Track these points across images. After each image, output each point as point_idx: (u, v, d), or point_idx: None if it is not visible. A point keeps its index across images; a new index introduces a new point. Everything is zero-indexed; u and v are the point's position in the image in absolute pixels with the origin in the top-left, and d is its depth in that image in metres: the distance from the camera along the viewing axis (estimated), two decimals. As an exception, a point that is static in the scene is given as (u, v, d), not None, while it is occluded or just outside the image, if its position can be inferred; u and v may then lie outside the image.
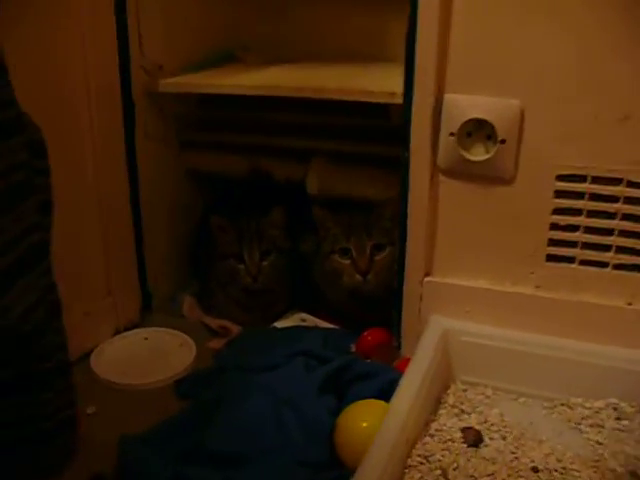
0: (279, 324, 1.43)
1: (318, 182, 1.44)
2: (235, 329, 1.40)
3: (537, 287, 1.19)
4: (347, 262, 1.34)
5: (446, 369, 1.19)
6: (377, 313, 1.35)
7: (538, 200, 1.15)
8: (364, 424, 1.01)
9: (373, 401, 1.06)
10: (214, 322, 1.42)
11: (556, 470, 0.98)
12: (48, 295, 0.91)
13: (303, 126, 1.47)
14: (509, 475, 0.97)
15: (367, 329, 1.31)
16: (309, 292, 1.47)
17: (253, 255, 1.38)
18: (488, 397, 1.16)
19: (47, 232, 0.92)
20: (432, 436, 1.05)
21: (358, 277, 1.33)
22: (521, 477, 0.97)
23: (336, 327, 1.41)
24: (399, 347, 1.29)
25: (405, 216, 1.21)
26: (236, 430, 1.04)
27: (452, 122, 1.14)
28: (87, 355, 1.29)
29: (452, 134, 1.14)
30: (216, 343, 1.37)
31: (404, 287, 1.25)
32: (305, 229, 1.44)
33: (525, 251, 1.18)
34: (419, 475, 0.96)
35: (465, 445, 1.04)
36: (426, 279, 1.23)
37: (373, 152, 1.41)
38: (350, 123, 1.43)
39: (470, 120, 1.13)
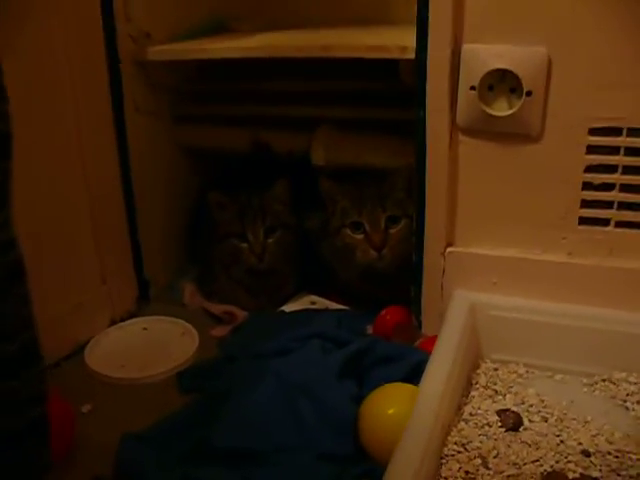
0: (287, 307, 1.35)
1: (324, 152, 1.34)
2: (240, 314, 1.31)
3: (569, 254, 1.10)
4: (360, 237, 1.25)
5: (475, 347, 1.10)
6: (393, 291, 1.26)
7: (569, 157, 1.05)
8: (391, 411, 0.92)
9: (400, 385, 0.96)
10: (217, 308, 1.33)
11: (609, 453, 0.88)
12: (6, 253, 0.71)
13: (305, 94, 1.36)
14: (557, 461, 0.88)
15: (384, 308, 1.22)
16: (317, 272, 1.39)
17: (257, 233, 1.29)
18: (521, 376, 1.08)
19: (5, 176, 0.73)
20: (467, 421, 0.96)
21: (372, 253, 1.24)
22: (570, 462, 0.87)
23: (349, 308, 1.33)
24: (420, 326, 1.20)
25: (423, 182, 1.11)
26: (247, 424, 0.94)
27: (472, 75, 1.04)
28: (81, 349, 1.21)
29: (472, 88, 1.04)
30: (220, 330, 1.28)
31: (424, 260, 1.16)
32: (310, 205, 1.36)
33: (555, 215, 1.09)
34: (458, 466, 0.87)
35: (503, 429, 0.95)
36: (448, 250, 1.14)
37: (383, 117, 1.31)
38: (356, 87, 1.32)
39: (492, 72, 1.03)
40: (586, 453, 0.89)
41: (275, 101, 1.39)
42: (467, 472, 0.86)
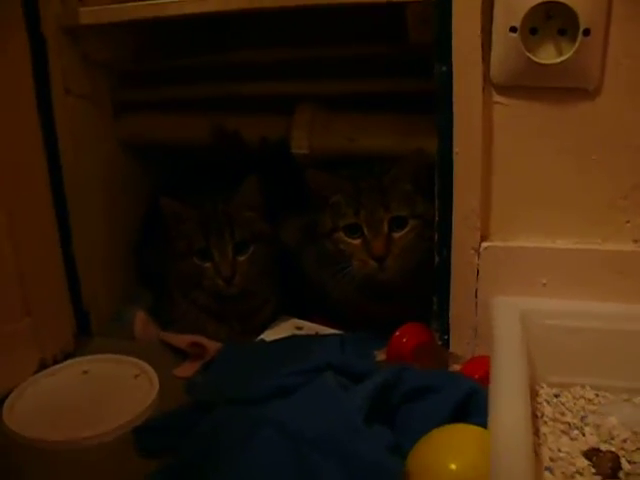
0: (267, 335, 1.11)
1: (308, 137, 1.11)
2: (212, 346, 1.05)
3: (636, 241, 0.89)
4: (357, 242, 1.02)
5: (530, 369, 0.85)
6: (399, 310, 1.04)
7: (635, 117, 0.84)
8: (454, 465, 0.66)
9: (458, 427, 0.70)
10: (181, 339, 1.07)
11: None
12: None
13: (280, 65, 1.16)
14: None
15: (398, 328, 0.99)
16: (300, 291, 1.18)
17: (224, 249, 1.07)
18: (591, 401, 0.86)
19: None
20: (551, 470, 0.72)
21: (372, 263, 1.01)
22: None
23: (343, 333, 1.10)
24: (447, 345, 0.97)
25: (449, 159, 0.89)
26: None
27: (512, 12, 0.82)
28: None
29: (513, 30, 0.82)
30: (187, 369, 1.03)
31: (452, 260, 0.93)
32: (292, 207, 1.15)
33: (618, 192, 0.88)
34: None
35: (600, 478, 0.70)
36: (483, 245, 0.92)
37: (384, 90, 1.11)
38: (347, 53, 1.12)
39: (537, 6, 0.81)
40: None
41: (242, 77, 1.18)
42: None
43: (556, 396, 0.86)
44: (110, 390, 0.98)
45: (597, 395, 0.86)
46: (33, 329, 1.03)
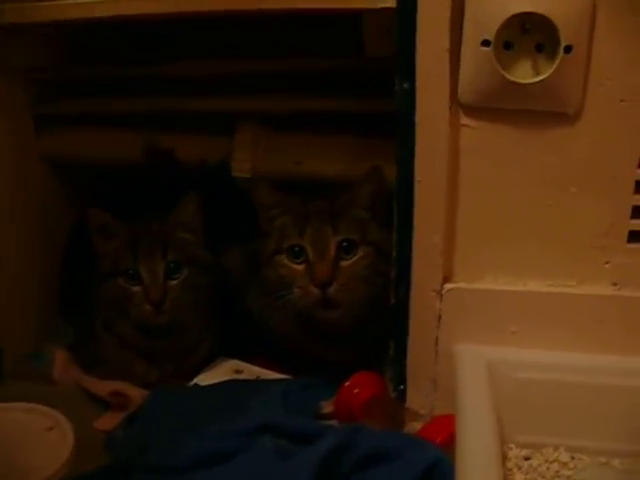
0: (202, 379, 1.01)
1: (250, 159, 1.03)
2: (136, 395, 0.94)
3: (615, 284, 0.81)
4: (299, 267, 0.94)
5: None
6: (348, 355, 0.98)
7: (618, 146, 0.76)
8: None
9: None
10: (101, 387, 0.96)
11: None
12: None
13: (221, 79, 1.05)
14: None
15: (349, 377, 0.88)
16: (240, 329, 1.07)
17: (155, 270, 0.97)
18: (566, 465, 0.77)
19: None
20: None
21: (315, 291, 0.91)
22: None
23: (288, 377, 1.00)
24: (402, 398, 0.86)
25: (410, 187, 0.79)
26: None
27: (485, 24, 0.73)
28: None
29: (486, 43, 0.73)
30: (107, 421, 0.92)
31: (411, 302, 0.83)
32: (231, 235, 1.07)
33: (597, 229, 0.80)
34: None
35: None
36: (446, 286, 0.82)
37: (333, 109, 1.01)
38: (295, 67, 1.01)
39: (512, 18, 0.72)
40: None
41: (178, 92, 1.08)
42: None
43: (526, 459, 0.77)
44: (17, 446, 0.86)
45: (572, 458, 0.78)
46: None
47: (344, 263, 0.92)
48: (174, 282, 0.97)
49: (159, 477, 0.68)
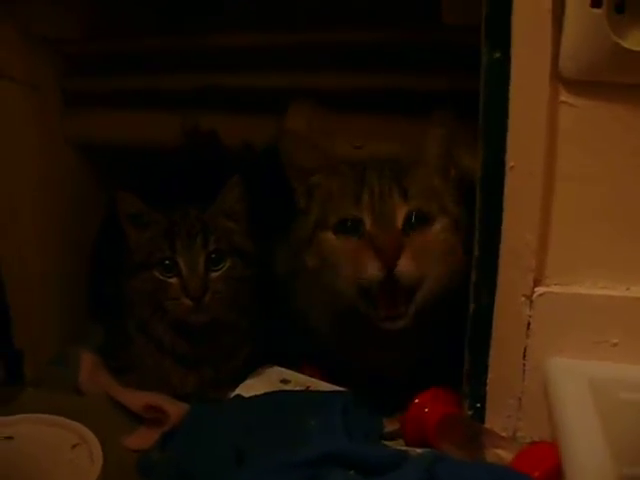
0: (245, 390, 0.91)
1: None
2: (174, 409, 0.84)
3: None
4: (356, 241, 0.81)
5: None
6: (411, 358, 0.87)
7: None
8: None
9: None
10: (135, 398, 0.87)
11: None
12: None
13: (270, 52, 0.99)
14: None
15: (420, 393, 0.80)
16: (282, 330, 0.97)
17: (195, 260, 0.90)
18: None
19: None
20: None
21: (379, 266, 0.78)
22: None
23: (342, 389, 0.90)
24: (480, 418, 0.77)
25: (498, 174, 0.70)
26: None
27: None
28: None
29: (595, 4, 0.63)
30: (142, 438, 0.83)
31: (495, 309, 0.74)
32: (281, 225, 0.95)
33: None
34: None
35: None
36: (538, 290, 0.73)
37: (399, 87, 0.93)
38: (354, 39, 0.94)
39: None
40: None
41: (221, 66, 1.01)
42: None
43: None
44: (37, 465, 0.77)
45: None
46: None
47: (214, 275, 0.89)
48: (215, 274, 0.90)
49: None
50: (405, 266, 0.76)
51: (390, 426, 0.82)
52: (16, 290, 0.98)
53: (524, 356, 0.74)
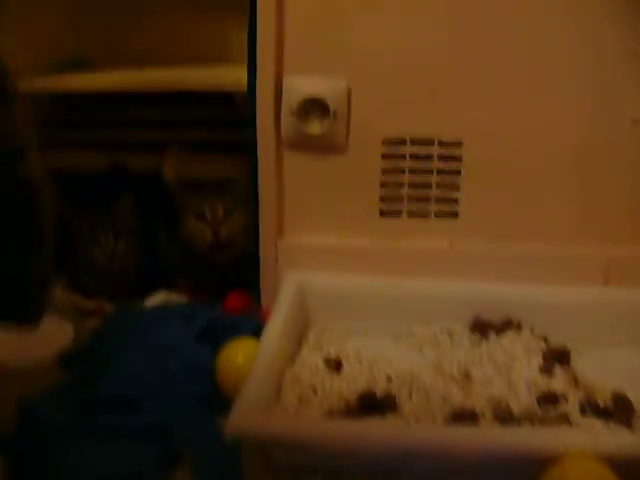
0: (147, 303, 1.54)
1: (174, 170, 1.57)
2: (109, 307, 1.52)
3: (374, 239, 1.38)
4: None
5: (304, 316, 1.34)
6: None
7: (369, 164, 1.31)
8: (239, 358, 1.15)
9: (245, 338, 1.20)
10: (88, 304, 1.54)
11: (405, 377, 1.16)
12: None
13: (157, 120, 1.57)
14: (368, 384, 1.14)
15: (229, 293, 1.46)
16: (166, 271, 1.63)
17: (108, 237, 1.50)
18: (341, 336, 1.30)
19: None
20: (300, 366, 1.20)
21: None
22: (378, 383, 1.14)
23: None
24: (259, 305, 1.42)
25: (256, 187, 1.35)
26: (124, 377, 1.15)
27: (292, 101, 1.29)
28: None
29: (292, 112, 1.30)
30: (93, 322, 1.47)
31: (260, 250, 1.39)
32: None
33: (362, 209, 1.34)
34: (293, 394, 1.10)
35: (328, 369, 1.20)
36: (279, 241, 1.36)
37: (222, 139, 1.53)
38: (201, 114, 1.57)
39: (307, 98, 1.29)
40: (389, 378, 1.17)
41: (130, 127, 1.57)
42: (300, 398, 1.11)
43: (321, 332, 1.33)
44: (40, 335, 1.34)
45: (347, 333, 1.31)
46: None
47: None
48: (119, 244, 1.51)
49: (122, 337, 1.30)
50: (223, 234, 1.50)
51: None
52: None
53: (275, 273, 1.37)
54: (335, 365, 1.20)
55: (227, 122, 1.48)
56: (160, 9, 1.73)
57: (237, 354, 1.17)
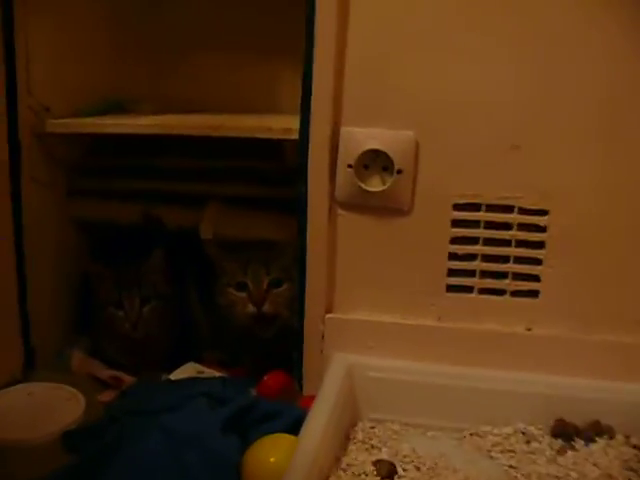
0: (173, 376, 1.36)
1: (213, 227, 1.41)
2: (127, 379, 1.34)
3: (439, 318, 1.20)
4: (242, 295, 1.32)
5: (352, 406, 1.16)
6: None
7: (436, 230, 1.17)
8: (272, 459, 0.97)
9: (280, 435, 1.02)
10: (104, 373, 1.36)
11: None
12: None
13: (196, 171, 1.44)
14: (426, 501, 0.94)
15: (267, 373, 1.27)
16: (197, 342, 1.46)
17: (132, 301, 1.35)
18: (397, 432, 1.14)
19: None
20: (344, 470, 1.01)
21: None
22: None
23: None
24: (301, 389, 1.25)
25: (304, 252, 1.19)
26: (134, 473, 0.96)
27: (349, 154, 1.15)
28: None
29: (350, 166, 1.15)
30: (107, 395, 1.30)
31: (305, 326, 1.22)
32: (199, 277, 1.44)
33: (425, 283, 1.19)
34: (335, 509, 0.91)
35: (379, 478, 1.00)
36: (327, 316, 1.21)
37: (269, 195, 1.40)
38: (244, 166, 1.41)
39: (367, 151, 1.14)
40: (455, 495, 0.96)
41: (167, 177, 1.45)
42: (344, 514, 0.91)
43: (372, 427, 1.14)
44: (48, 408, 1.21)
45: (402, 429, 1.13)
46: (-9, 360, 1.25)
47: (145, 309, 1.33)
48: (145, 309, 1.35)
49: (138, 418, 1.10)
50: (267, 308, 1.31)
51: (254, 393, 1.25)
52: (35, 311, 1.34)
53: (322, 353, 1.21)
54: (388, 472, 1.01)
55: (274, 176, 1.36)
56: (201, 52, 1.61)
57: (270, 453, 0.99)
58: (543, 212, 1.14)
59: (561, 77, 1.09)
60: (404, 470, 1.03)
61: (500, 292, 1.17)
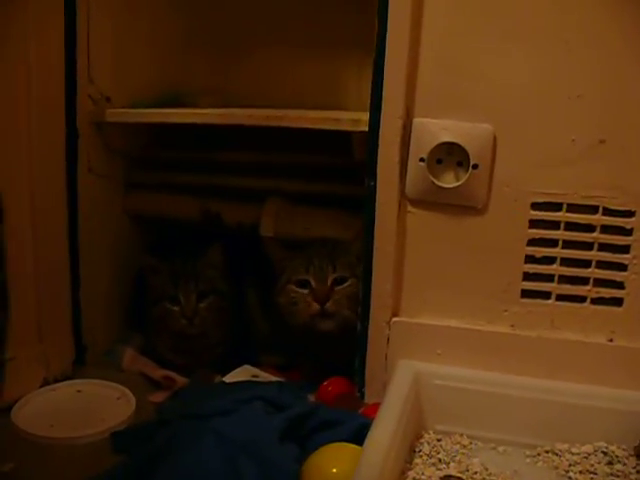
0: (228, 379, 1.31)
1: (273, 224, 1.35)
2: (180, 380, 1.29)
3: (512, 325, 1.12)
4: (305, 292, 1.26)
5: (418, 417, 1.08)
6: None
7: (512, 230, 1.09)
8: (334, 470, 0.91)
9: (343, 445, 0.95)
10: (156, 372, 1.31)
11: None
12: None
13: (257, 165, 1.40)
14: (501, 524, 0.85)
15: (327, 379, 1.21)
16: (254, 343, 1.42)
17: (189, 296, 1.30)
18: (465, 447, 1.06)
19: None
20: None
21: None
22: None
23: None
24: (363, 397, 1.18)
25: (370, 252, 1.13)
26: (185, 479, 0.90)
27: (422, 147, 1.08)
28: (9, 408, 1.15)
29: (422, 160, 1.08)
30: (159, 396, 1.25)
31: (369, 329, 1.16)
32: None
33: (499, 287, 1.11)
34: (401, 526, 0.83)
35: None
36: (394, 320, 1.14)
37: (333, 192, 1.34)
38: (307, 161, 1.35)
39: (441, 145, 1.07)
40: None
41: (227, 171, 1.41)
42: (411, 532, 0.83)
43: (438, 440, 1.06)
44: (96, 406, 1.19)
45: (471, 443, 1.06)
46: (43, 354, 1.22)
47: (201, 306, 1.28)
48: (202, 305, 1.30)
49: (191, 421, 1.03)
50: (330, 305, 1.24)
51: (313, 399, 1.20)
52: (87, 308, 1.31)
53: (385, 359, 1.14)
54: (456, 487, 0.91)
55: (340, 171, 1.30)
56: (264, 47, 1.57)
57: (331, 463, 0.92)
58: (630, 213, 1.05)
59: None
60: (473, 487, 0.95)
61: (580, 299, 1.09)
